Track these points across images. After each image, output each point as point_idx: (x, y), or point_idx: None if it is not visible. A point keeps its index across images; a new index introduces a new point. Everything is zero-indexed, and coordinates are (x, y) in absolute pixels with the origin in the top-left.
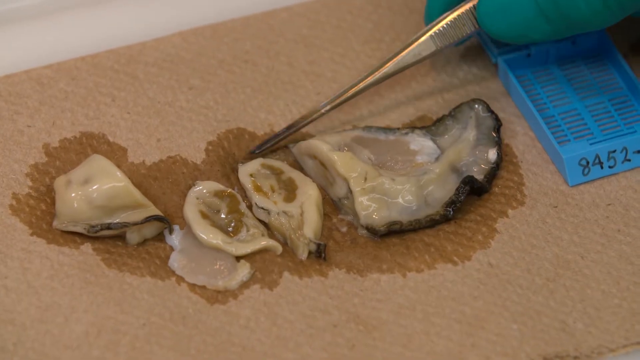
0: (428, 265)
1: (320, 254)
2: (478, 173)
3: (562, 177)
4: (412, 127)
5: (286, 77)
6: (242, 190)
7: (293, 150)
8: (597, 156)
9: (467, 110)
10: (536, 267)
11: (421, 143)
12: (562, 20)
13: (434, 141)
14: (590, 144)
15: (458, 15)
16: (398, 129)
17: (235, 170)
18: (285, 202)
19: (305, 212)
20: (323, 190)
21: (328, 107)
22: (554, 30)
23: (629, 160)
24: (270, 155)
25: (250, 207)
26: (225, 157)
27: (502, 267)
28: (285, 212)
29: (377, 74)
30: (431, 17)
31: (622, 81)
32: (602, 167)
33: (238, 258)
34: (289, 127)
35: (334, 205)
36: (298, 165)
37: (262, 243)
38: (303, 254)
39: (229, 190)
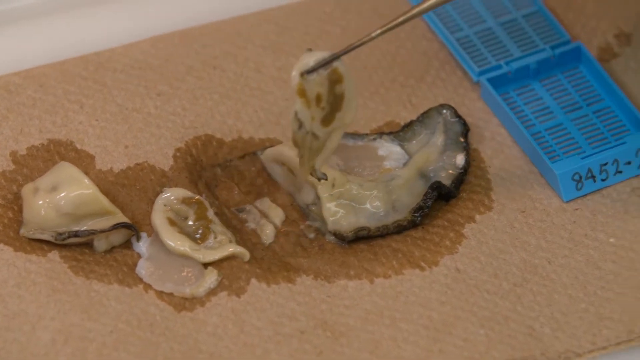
0: (395, 271)
1: (319, 179)
2: (446, 178)
3: (530, 182)
4: (380, 132)
5: (254, 83)
6: (210, 197)
7: (261, 156)
8: (589, 170)
9: (435, 116)
10: (504, 272)
11: (389, 149)
12: None
13: (402, 147)
14: (582, 159)
15: None
16: (366, 134)
17: (202, 177)
18: (320, 124)
19: (329, 139)
20: (291, 196)
21: (379, 32)
22: None
23: (621, 172)
24: (238, 160)
25: (217, 213)
26: (193, 164)
27: (469, 273)
28: (314, 134)
29: (424, 5)
30: None
31: (604, 92)
32: (595, 181)
33: (205, 265)
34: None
35: (301, 212)
36: (266, 172)
37: (230, 250)
38: (303, 176)
39: (197, 197)
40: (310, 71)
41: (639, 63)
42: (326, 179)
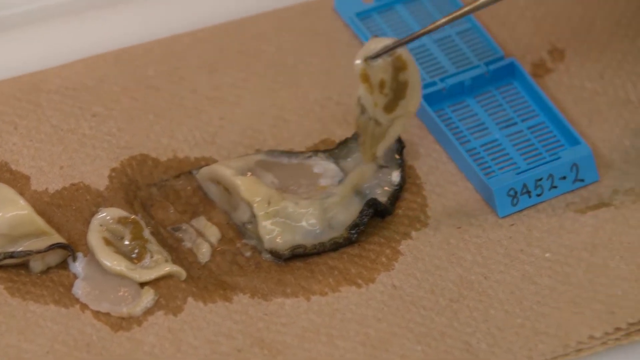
0: (332, 288)
1: (380, 166)
2: (381, 195)
3: (465, 198)
4: (315, 150)
5: (189, 102)
6: (146, 216)
7: (197, 176)
8: (524, 185)
9: None
10: (440, 288)
11: (324, 166)
12: None
13: (337, 164)
14: (517, 174)
15: None
16: (301, 152)
17: (138, 197)
18: (383, 110)
19: (392, 126)
20: (227, 215)
21: (444, 20)
22: None
23: (556, 187)
24: (174, 179)
25: (153, 233)
26: (129, 184)
27: (405, 289)
28: (377, 121)
29: None
30: None
31: (538, 108)
32: (530, 196)
33: (142, 284)
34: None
35: (237, 230)
36: (202, 191)
37: (166, 269)
38: (365, 161)
39: (133, 216)
40: (374, 57)
41: (572, 78)
42: (387, 167)
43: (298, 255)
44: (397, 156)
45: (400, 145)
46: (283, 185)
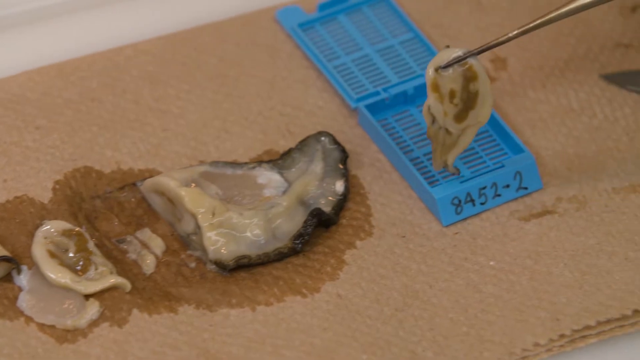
0: (277, 298)
1: (452, 174)
2: (325, 205)
3: (410, 207)
4: (259, 161)
5: (132, 114)
6: (90, 228)
7: (141, 187)
8: (468, 194)
9: (314, 143)
10: (385, 297)
11: (268, 177)
12: None
13: (281, 175)
14: (461, 183)
15: None
16: (245, 163)
17: (82, 209)
18: (453, 120)
19: (462, 135)
20: (171, 226)
21: (516, 32)
22: None
23: (499, 195)
24: (118, 191)
25: (98, 245)
26: (73, 196)
27: (351, 298)
28: (447, 130)
29: (563, 9)
30: None
31: None
32: (474, 205)
33: (87, 296)
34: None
35: (182, 242)
36: (146, 203)
37: (111, 281)
38: (435, 168)
39: (77, 228)
40: (445, 67)
41: (515, 87)
42: (459, 174)
43: (243, 265)
44: (340, 166)
45: (344, 155)
46: (227, 196)
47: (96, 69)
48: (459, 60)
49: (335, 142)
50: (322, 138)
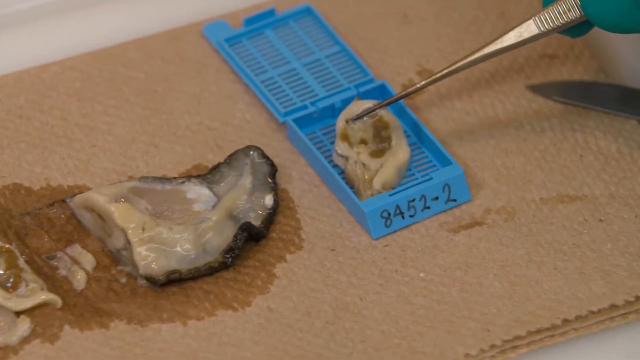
0: (208, 312)
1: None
2: (255, 219)
3: (339, 220)
4: (188, 176)
5: (60, 131)
6: (20, 245)
7: (70, 203)
8: (397, 207)
9: (243, 157)
10: (316, 310)
11: (197, 191)
12: None
13: (211, 189)
14: (390, 196)
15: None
16: (174, 178)
17: (12, 226)
18: (369, 157)
19: (383, 167)
20: (101, 242)
21: (424, 83)
22: None
23: (428, 207)
24: (47, 208)
25: (28, 262)
26: (2, 213)
27: (282, 312)
28: (363, 164)
29: (477, 54)
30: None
31: (410, 129)
32: (403, 217)
33: (18, 313)
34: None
35: (112, 257)
36: (76, 219)
37: (42, 297)
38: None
39: (7, 246)
40: (356, 119)
41: (442, 99)
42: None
43: (173, 280)
44: (269, 180)
45: (272, 169)
46: (157, 211)
47: (23, 86)
48: (368, 112)
49: (264, 156)
50: (251, 152)
